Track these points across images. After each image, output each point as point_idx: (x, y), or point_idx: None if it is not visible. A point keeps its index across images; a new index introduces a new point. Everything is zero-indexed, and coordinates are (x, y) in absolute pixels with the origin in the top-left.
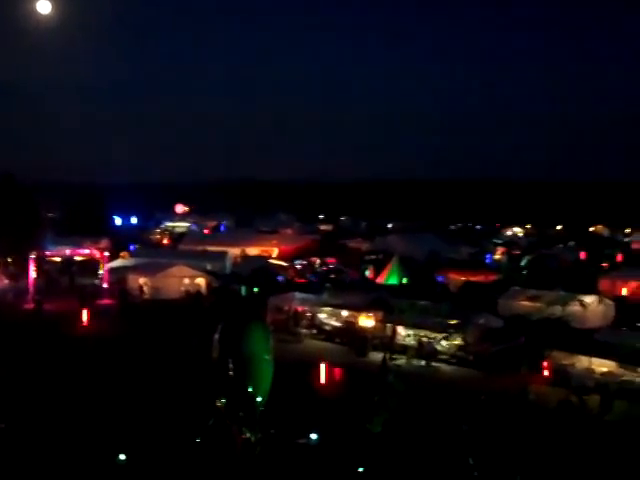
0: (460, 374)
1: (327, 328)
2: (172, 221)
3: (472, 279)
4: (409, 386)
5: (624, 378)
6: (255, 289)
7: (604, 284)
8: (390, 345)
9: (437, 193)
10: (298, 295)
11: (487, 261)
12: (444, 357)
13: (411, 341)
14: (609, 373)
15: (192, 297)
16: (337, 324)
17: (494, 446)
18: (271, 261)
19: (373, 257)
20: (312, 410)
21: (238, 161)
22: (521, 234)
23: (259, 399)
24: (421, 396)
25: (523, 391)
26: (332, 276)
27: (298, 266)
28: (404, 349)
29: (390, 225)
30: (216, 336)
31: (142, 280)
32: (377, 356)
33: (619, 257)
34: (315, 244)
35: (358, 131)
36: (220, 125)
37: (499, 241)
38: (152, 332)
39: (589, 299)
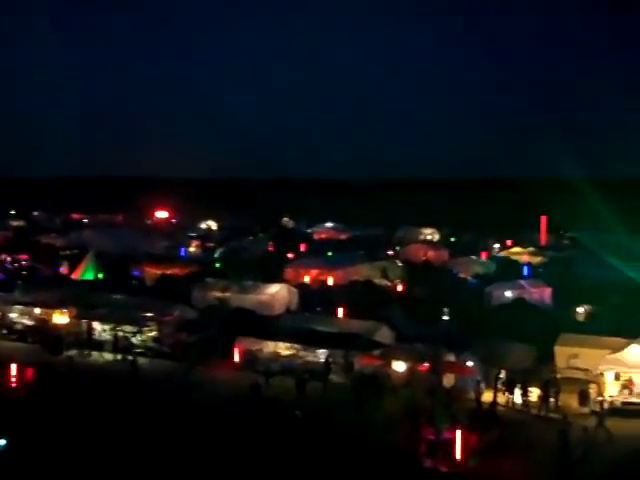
0: (155, 365)
1: (19, 327)
2: None
3: (168, 272)
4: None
5: (307, 359)
6: None
7: (289, 273)
8: (86, 341)
9: (134, 188)
10: None
11: (182, 254)
12: (140, 350)
13: (107, 336)
14: (293, 355)
15: None
16: (30, 323)
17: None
18: None
19: (68, 253)
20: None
21: None
22: (215, 227)
23: None
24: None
25: (213, 379)
26: (24, 273)
27: None
28: (101, 345)
29: (85, 220)
30: None
31: None
32: (73, 353)
33: (302, 247)
34: (5, 240)
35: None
36: None
37: (194, 234)
38: None
39: (275, 287)
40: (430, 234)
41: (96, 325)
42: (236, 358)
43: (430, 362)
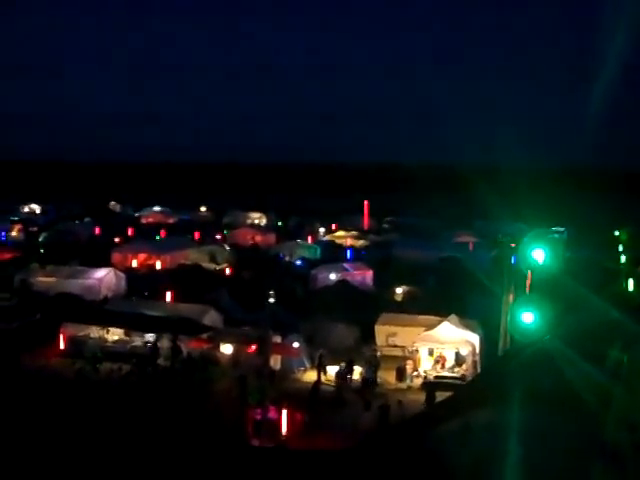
0: None
1: None
2: None
3: None
4: None
5: (134, 344)
6: None
7: (117, 257)
8: None
9: None
10: None
11: (2, 239)
12: None
13: None
14: (120, 340)
15: None
16: None
17: None
18: None
19: None
20: None
21: None
22: (38, 211)
23: None
24: None
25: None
26: None
27: None
28: None
29: None
30: None
31: None
32: None
33: (130, 231)
34: None
35: None
36: None
37: (15, 218)
38: None
39: (102, 272)
40: (258, 218)
41: None
42: (61, 344)
43: (257, 344)
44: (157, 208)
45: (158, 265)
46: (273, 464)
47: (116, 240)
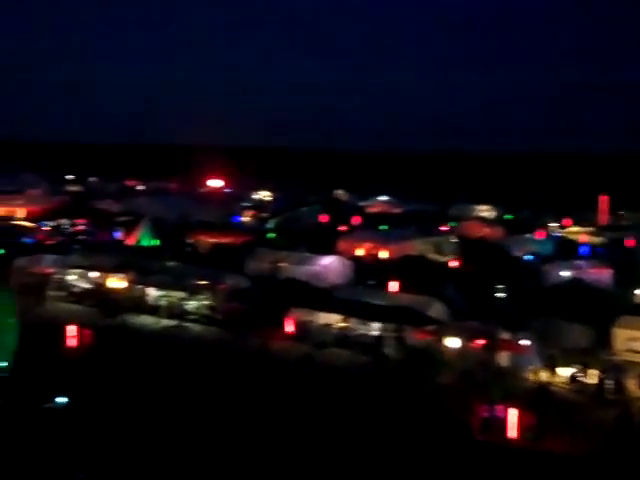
0: (208, 333)
1: (76, 290)
2: None
3: (221, 241)
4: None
5: (359, 332)
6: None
7: (343, 245)
8: (141, 306)
9: (189, 157)
10: (46, 257)
11: (236, 224)
12: (193, 317)
13: (161, 302)
14: (345, 327)
15: None
16: (87, 286)
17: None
18: (16, 222)
19: (123, 219)
20: (59, 373)
21: None
22: (269, 198)
23: (3, 364)
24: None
25: (272, 348)
26: (81, 237)
27: (46, 228)
28: (154, 309)
29: (141, 187)
30: None
31: None
32: (127, 317)
33: (355, 220)
34: (64, 205)
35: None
36: None
37: (248, 204)
38: None
39: (329, 259)
40: (486, 211)
41: (151, 290)
42: (288, 328)
43: (484, 339)
44: (383, 198)
45: (383, 255)
46: (499, 461)
47: (342, 228)
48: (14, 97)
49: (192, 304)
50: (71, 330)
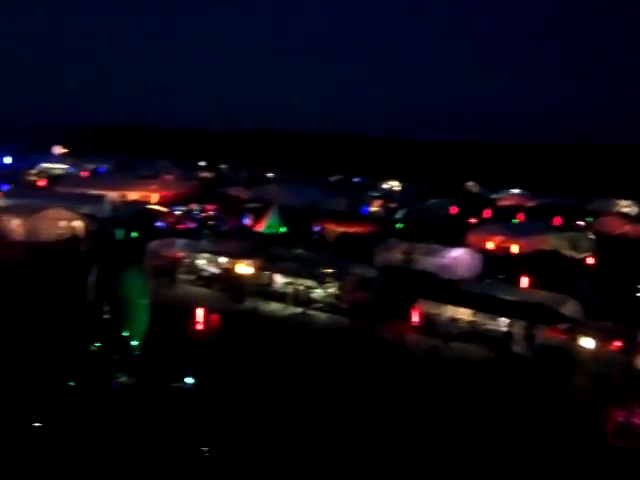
0: (334, 321)
1: (205, 274)
2: (49, 163)
3: (349, 230)
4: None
5: (487, 327)
6: (134, 234)
7: (472, 238)
8: (267, 292)
9: (318, 145)
10: (177, 241)
11: (364, 213)
12: (319, 305)
13: (288, 289)
14: (472, 321)
15: (68, 240)
16: (215, 271)
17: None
18: (151, 206)
19: (253, 206)
20: (188, 354)
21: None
22: (398, 188)
23: (135, 343)
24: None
25: (398, 339)
26: (211, 223)
27: (177, 212)
28: (281, 296)
29: (270, 175)
30: (91, 279)
31: (16, 221)
32: (254, 303)
33: (487, 213)
34: (195, 191)
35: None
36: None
37: (376, 194)
38: (26, 274)
39: (458, 252)
40: (627, 207)
41: (277, 277)
42: (414, 320)
43: (622, 341)
44: (516, 190)
45: (514, 249)
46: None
47: (472, 221)
48: (156, 87)
49: (318, 292)
50: (200, 313)
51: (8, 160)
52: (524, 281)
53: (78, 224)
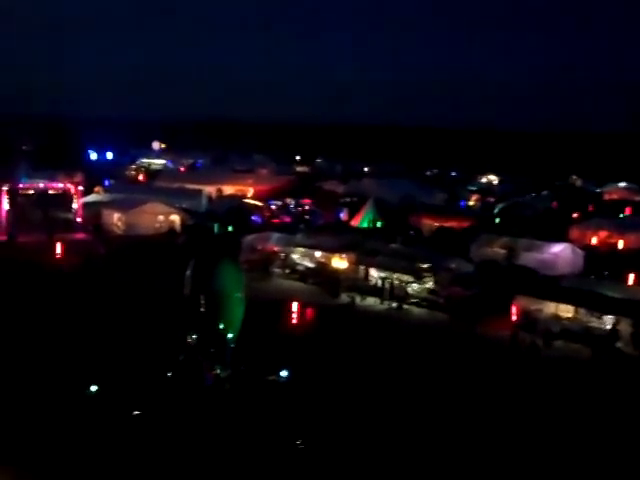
0: (430, 317)
1: (300, 268)
2: (148, 158)
3: (445, 224)
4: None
5: (590, 324)
6: (230, 228)
7: (575, 233)
8: (363, 287)
9: (414, 139)
10: (272, 235)
11: (461, 207)
12: (415, 300)
13: (383, 283)
14: (574, 318)
15: (166, 234)
16: (310, 265)
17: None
18: (246, 200)
19: (348, 200)
20: (283, 348)
21: (205, 99)
22: (496, 182)
23: (230, 336)
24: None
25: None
26: (306, 217)
27: (273, 206)
28: (376, 291)
29: (366, 169)
30: (188, 272)
31: (116, 215)
32: (350, 297)
33: (590, 207)
34: (290, 185)
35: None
36: (191, 63)
37: (473, 188)
38: (125, 267)
39: (559, 247)
40: None
41: (373, 272)
42: (513, 317)
43: None
44: (622, 184)
45: (620, 245)
46: None
47: (574, 216)
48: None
49: (414, 287)
50: (295, 306)
51: (109, 155)
52: (631, 278)
53: (176, 218)
